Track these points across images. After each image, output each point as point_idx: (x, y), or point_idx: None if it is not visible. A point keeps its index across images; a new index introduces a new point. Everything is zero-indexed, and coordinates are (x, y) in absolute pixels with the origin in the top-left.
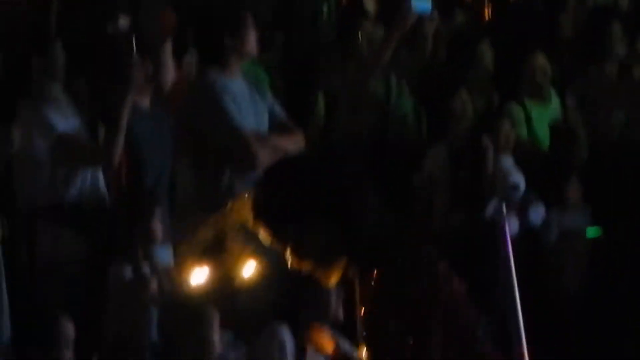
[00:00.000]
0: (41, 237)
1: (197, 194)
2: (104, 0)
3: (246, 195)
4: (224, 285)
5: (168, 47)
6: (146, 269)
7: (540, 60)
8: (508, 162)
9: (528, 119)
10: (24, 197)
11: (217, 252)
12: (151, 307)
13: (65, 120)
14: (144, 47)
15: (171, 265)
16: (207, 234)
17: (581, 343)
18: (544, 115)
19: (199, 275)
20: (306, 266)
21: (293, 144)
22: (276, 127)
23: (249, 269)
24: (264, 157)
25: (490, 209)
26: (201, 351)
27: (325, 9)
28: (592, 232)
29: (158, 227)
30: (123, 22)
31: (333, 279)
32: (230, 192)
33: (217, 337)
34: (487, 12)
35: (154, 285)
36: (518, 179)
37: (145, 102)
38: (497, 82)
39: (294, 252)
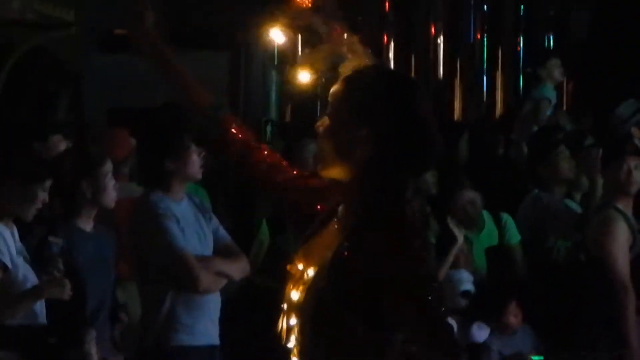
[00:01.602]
0: None
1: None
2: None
3: None
4: None
5: (109, 167)
6: None
7: (469, 194)
8: (464, 274)
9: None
10: None
11: None
12: None
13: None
14: (84, 169)
15: None
16: None
17: None
18: (477, 243)
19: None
20: None
21: (237, 268)
22: (221, 250)
23: None
24: (207, 281)
25: None
26: None
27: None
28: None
29: (93, 351)
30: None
31: None
32: (173, 316)
33: None
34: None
35: None
36: (469, 288)
37: (87, 223)
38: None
39: None
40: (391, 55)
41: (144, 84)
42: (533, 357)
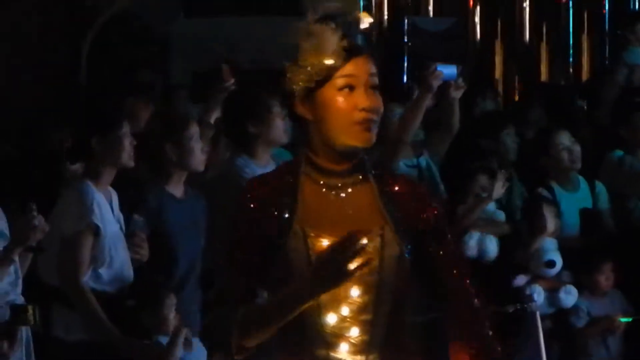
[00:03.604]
0: (55, 320)
1: None
2: None
3: None
4: None
5: (194, 130)
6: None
7: (565, 139)
8: (549, 243)
9: (556, 205)
10: (43, 277)
11: None
12: None
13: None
14: (168, 132)
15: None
16: None
17: None
18: (573, 201)
19: None
20: None
21: None
22: None
23: None
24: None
25: (519, 280)
26: None
27: None
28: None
29: (171, 317)
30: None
31: None
32: None
33: None
34: (516, 94)
35: None
36: (555, 257)
37: (177, 188)
38: (522, 168)
39: None
40: (477, 19)
41: (228, 46)
42: (621, 319)
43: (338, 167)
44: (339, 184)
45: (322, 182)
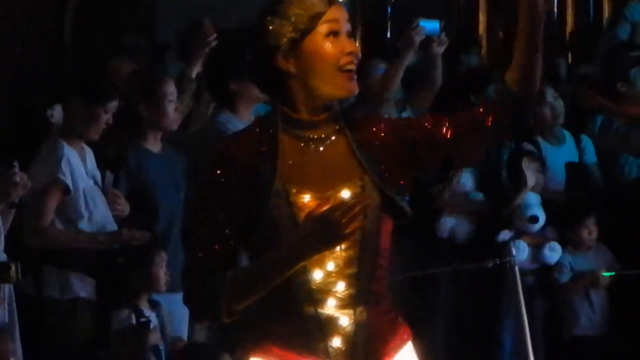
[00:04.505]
0: (47, 280)
1: None
2: None
3: None
4: None
5: (168, 89)
6: (149, 315)
7: (548, 94)
8: (532, 198)
9: (540, 160)
10: (30, 237)
11: None
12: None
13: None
14: (142, 91)
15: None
16: None
17: None
18: (558, 155)
19: None
20: None
21: None
22: None
23: None
24: None
25: (503, 235)
26: None
27: None
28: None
29: (161, 274)
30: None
31: None
32: None
33: None
34: (500, 50)
35: (155, 333)
36: (537, 212)
37: (155, 145)
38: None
39: None
40: None
41: (216, 6)
42: (604, 274)
43: (317, 118)
44: (318, 136)
45: (301, 135)
